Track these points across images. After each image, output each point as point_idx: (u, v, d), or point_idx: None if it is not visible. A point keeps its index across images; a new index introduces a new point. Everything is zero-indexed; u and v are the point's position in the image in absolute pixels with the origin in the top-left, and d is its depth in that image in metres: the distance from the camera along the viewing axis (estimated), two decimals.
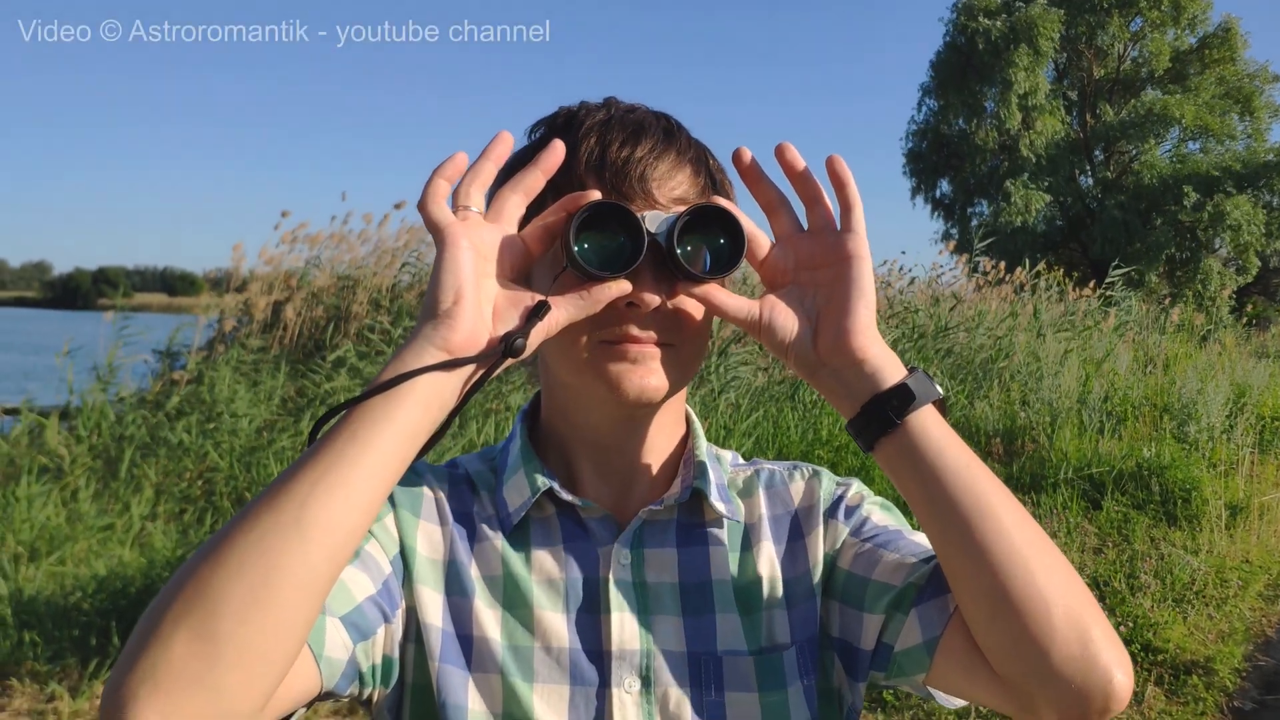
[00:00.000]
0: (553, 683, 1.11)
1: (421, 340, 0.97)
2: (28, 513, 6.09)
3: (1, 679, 4.81)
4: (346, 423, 0.94)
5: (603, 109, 1.15)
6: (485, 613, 1.13)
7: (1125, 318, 15.09)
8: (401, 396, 0.94)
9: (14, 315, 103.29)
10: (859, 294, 1.06)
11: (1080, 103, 32.80)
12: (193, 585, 0.84)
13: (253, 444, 7.09)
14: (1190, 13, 30.89)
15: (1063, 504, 7.37)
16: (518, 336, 0.99)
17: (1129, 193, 29.28)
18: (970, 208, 33.06)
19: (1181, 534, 7.08)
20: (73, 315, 50.55)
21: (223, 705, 0.82)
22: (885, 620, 1.11)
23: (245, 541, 0.86)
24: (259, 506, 0.88)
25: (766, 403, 8.38)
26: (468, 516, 1.18)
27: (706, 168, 1.17)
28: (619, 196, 1.09)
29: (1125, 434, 9.07)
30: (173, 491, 6.76)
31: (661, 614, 1.15)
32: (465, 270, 0.99)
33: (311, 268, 10.07)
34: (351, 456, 0.91)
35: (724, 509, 1.19)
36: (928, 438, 1.03)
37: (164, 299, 66.51)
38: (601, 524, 1.17)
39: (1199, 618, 5.72)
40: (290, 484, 0.89)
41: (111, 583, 5.30)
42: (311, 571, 0.86)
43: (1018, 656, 0.96)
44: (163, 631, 0.82)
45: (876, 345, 1.05)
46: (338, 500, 0.89)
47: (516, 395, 7.77)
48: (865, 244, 1.07)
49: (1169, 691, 4.96)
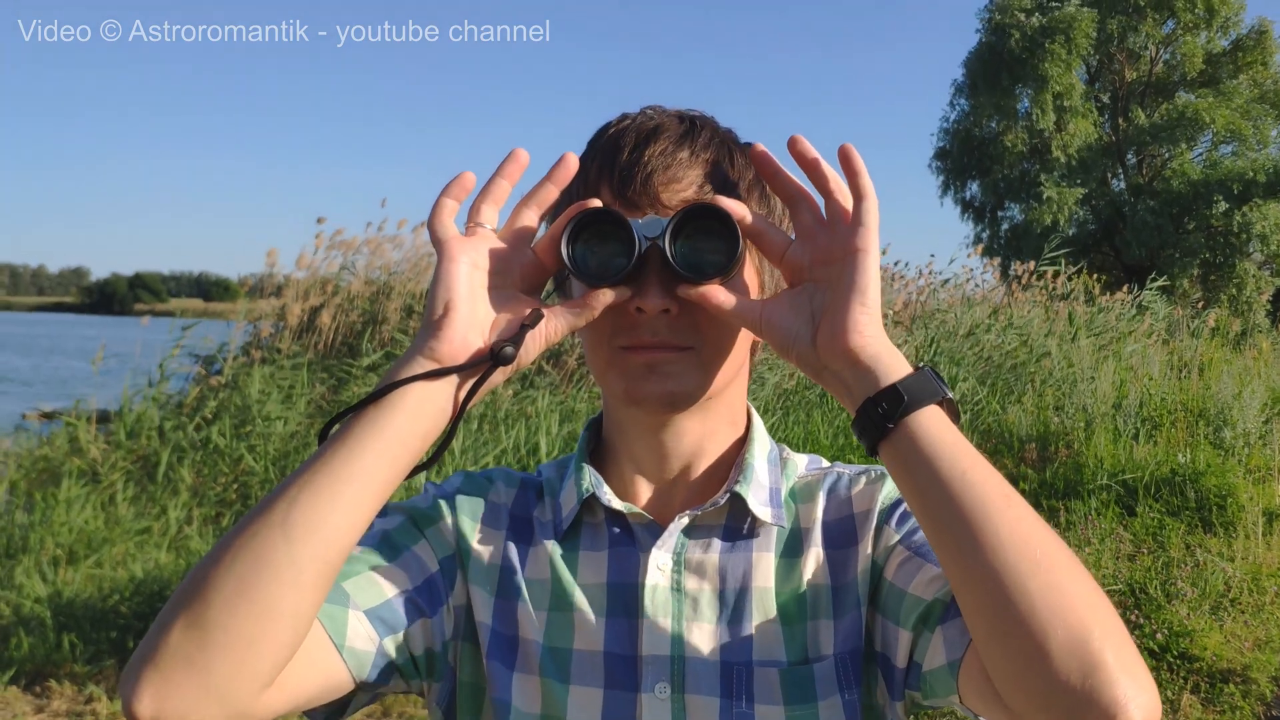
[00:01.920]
0: (588, 685, 1.12)
1: (412, 351, 1.02)
2: (66, 516, 6.17)
3: (40, 680, 4.87)
4: (342, 430, 1.00)
5: (629, 117, 1.15)
6: (530, 614, 1.15)
7: (1158, 323, 14.95)
8: (390, 405, 0.99)
9: (54, 320, 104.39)
10: (854, 291, 1.01)
11: (1113, 106, 32.54)
12: (191, 579, 0.93)
13: (286, 448, 7.15)
14: (1223, 15, 30.55)
15: (1097, 510, 7.32)
16: (506, 345, 1.02)
17: (1161, 197, 28.97)
18: (1001, 211, 32.82)
19: (1217, 541, 7.01)
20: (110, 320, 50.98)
21: (212, 684, 0.90)
22: (915, 637, 1.06)
23: (238, 540, 0.93)
24: (255, 509, 0.96)
25: (796, 407, 8.35)
26: (527, 521, 1.22)
27: (730, 165, 1.13)
28: (624, 202, 1.09)
29: (1160, 439, 8.98)
30: (209, 495, 6.83)
31: (697, 621, 1.14)
32: (456, 283, 1.03)
33: (347, 273, 10.15)
34: (339, 461, 0.96)
35: (768, 514, 1.17)
36: (920, 443, 0.96)
37: (200, 304, 67.15)
38: (647, 529, 1.17)
39: (1235, 625, 5.66)
40: (283, 488, 0.96)
41: (148, 585, 5.36)
42: (295, 565, 0.92)
43: (1015, 684, 0.88)
44: (163, 620, 0.92)
45: (874, 344, 1.00)
46: (323, 500, 0.94)
47: (544, 398, 7.80)
48: (871, 237, 1.02)
49: (1205, 700, 4.91)
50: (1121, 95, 32.34)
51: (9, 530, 6.13)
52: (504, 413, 7.60)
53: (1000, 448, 8.71)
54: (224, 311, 11.18)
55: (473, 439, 6.96)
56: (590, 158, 1.14)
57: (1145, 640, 5.21)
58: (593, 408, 7.94)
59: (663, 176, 1.09)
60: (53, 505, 6.25)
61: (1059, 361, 10.77)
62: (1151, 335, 14.17)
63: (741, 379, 1.22)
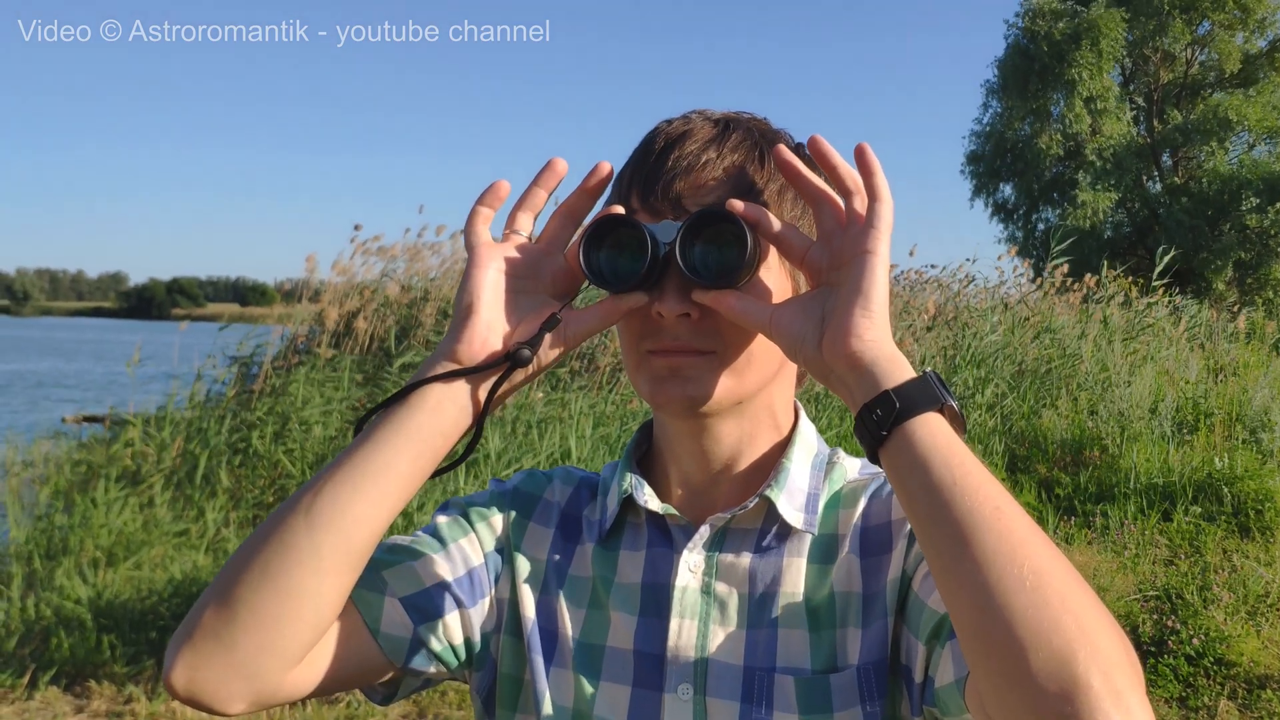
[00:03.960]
0: (616, 682, 1.14)
1: (436, 353, 1.07)
2: (105, 518, 6.25)
3: (80, 680, 4.94)
4: (369, 428, 1.05)
5: (670, 121, 1.16)
6: (569, 611, 1.19)
7: (1194, 325, 14.80)
8: (412, 404, 1.04)
9: (94, 325, 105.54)
10: (857, 294, 0.98)
11: (1148, 107, 32.27)
12: (225, 566, 1.01)
13: (324, 450, 7.22)
14: (1258, 15, 30.24)
15: (1134, 515, 7.26)
16: (524, 347, 1.05)
17: (1195, 197, 28.69)
18: (1035, 213, 32.60)
19: (1255, 546, 6.94)
20: (149, 325, 51.47)
21: (239, 659, 0.97)
22: (929, 652, 1.02)
23: (267, 528, 1.00)
24: (286, 501, 1.02)
25: (829, 409, 8.34)
26: (576, 520, 1.25)
27: (760, 167, 1.11)
28: (647, 208, 1.10)
29: (1197, 444, 8.90)
30: (246, 498, 6.90)
31: (724, 624, 1.13)
32: (480, 288, 1.07)
33: (386, 279, 10.24)
34: (361, 456, 1.02)
35: (799, 520, 1.16)
36: (913, 450, 0.92)
37: (236, 309, 67.72)
38: (684, 531, 1.18)
39: (1273, 631, 5.61)
40: (312, 481, 1.02)
41: (187, 587, 5.42)
42: (316, 552, 0.98)
43: (998, 704, 0.83)
44: (199, 602, 1.00)
45: (873, 348, 0.97)
46: (344, 492, 1.00)
47: (577, 401, 7.82)
48: (881, 239, 0.99)
49: (1242, 706, 4.87)
50: (1157, 97, 32.06)
51: (50, 532, 6.22)
52: (538, 416, 7.63)
53: (1034, 452, 8.66)
54: (261, 316, 11.26)
55: (506, 442, 7.00)
56: (627, 163, 1.16)
57: (1182, 646, 5.17)
58: (622, 410, 7.96)
59: (686, 181, 1.09)
60: (92, 508, 6.34)
61: (1093, 365, 10.69)
62: (1191, 339, 14.02)
63: (784, 381, 1.21)
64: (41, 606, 5.39)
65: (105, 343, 36.20)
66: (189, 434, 7.52)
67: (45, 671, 4.91)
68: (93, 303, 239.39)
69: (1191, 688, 4.98)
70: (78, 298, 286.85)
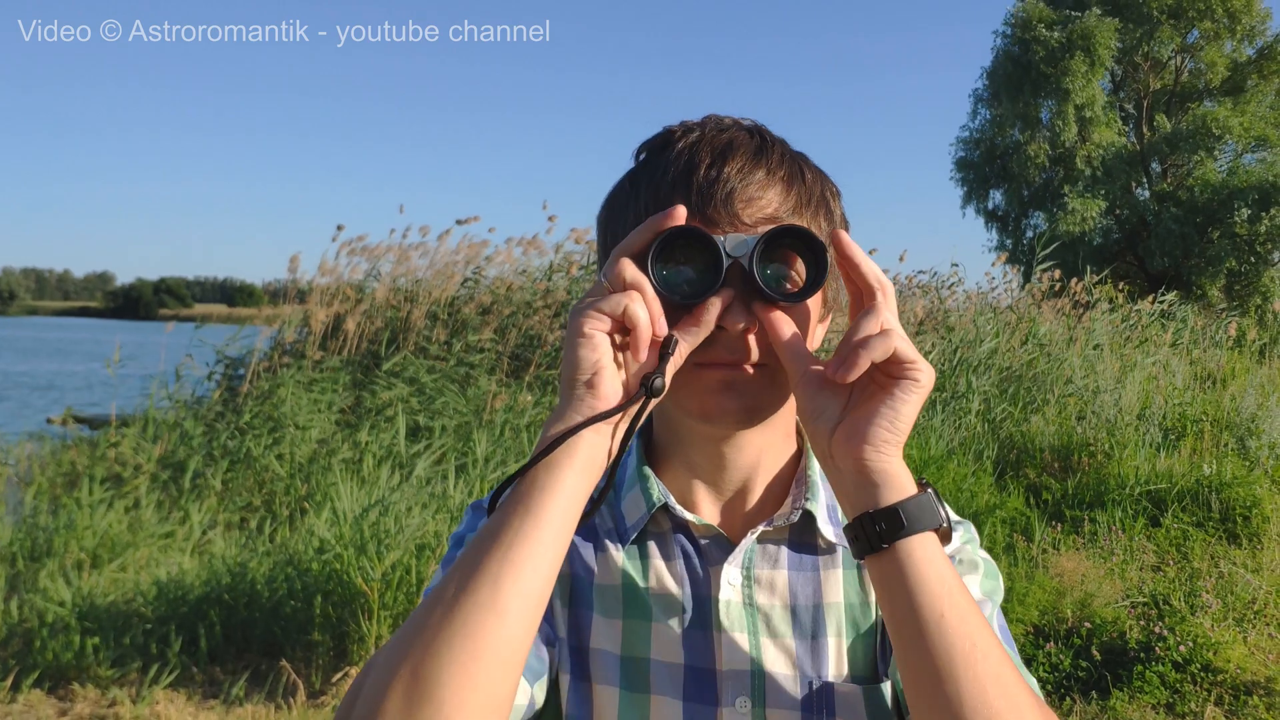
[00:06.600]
0: (667, 696, 1.13)
1: (570, 411, 1.00)
2: (90, 519, 6.21)
3: (64, 684, 4.90)
4: (517, 494, 0.97)
5: (696, 129, 1.14)
6: (603, 625, 1.17)
7: (1181, 332, 14.84)
8: (561, 462, 0.97)
9: (81, 325, 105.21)
10: (891, 412, 1.00)
11: (1137, 115, 32.38)
12: (408, 669, 0.89)
13: (312, 454, 7.19)
14: (1246, 23, 30.38)
15: (1121, 522, 7.27)
16: (655, 376, 1.02)
17: (1185, 205, 28.79)
18: (1025, 219, 32.69)
19: (1242, 552, 6.96)
20: (135, 325, 51.28)
21: None
22: (896, 694, 1.09)
23: (451, 626, 0.90)
24: (455, 588, 0.92)
25: None
26: (590, 529, 1.23)
27: (802, 184, 1.13)
28: (704, 219, 1.07)
29: (1185, 450, 8.92)
30: (233, 501, 6.87)
31: (773, 636, 1.15)
32: (600, 341, 1.01)
33: (372, 280, 10.20)
34: (529, 529, 0.94)
35: (830, 532, 1.19)
36: (907, 573, 0.96)
37: (224, 309, 67.45)
38: (714, 542, 1.18)
39: (1260, 638, 5.62)
40: (481, 563, 0.93)
41: (172, 590, 5.39)
42: (510, 644, 0.91)
43: None
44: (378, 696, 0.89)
45: (885, 461, 1.00)
46: (527, 573, 0.93)
47: None
48: (926, 369, 1.01)
49: (1229, 712, 4.87)
50: (1146, 104, 32.18)
51: (33, 534, 6.18)
52: (526, 420, 7.62)
53: (1022, 457, 8.67)
54: (248, 316, 11.22)
55: (494, 445, 6.98)
56: (660, 170, 1.12)
57: (1169, 652, 5.17)
58: None
59: (743, 195, 1.08)
60: (77, 509, 6.30)
61: (1080, 371, 10.72)
62: (1176, 345, 14.07)
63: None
64: (25, 609, 5.35)
65: (92, 342, 36.04)
66: (176, 436, 7.48)
67: (28, 674, 4.87)
68: (79, 302, 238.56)
69: (1178, 694, 4.98)
70: (64, 297, 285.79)
